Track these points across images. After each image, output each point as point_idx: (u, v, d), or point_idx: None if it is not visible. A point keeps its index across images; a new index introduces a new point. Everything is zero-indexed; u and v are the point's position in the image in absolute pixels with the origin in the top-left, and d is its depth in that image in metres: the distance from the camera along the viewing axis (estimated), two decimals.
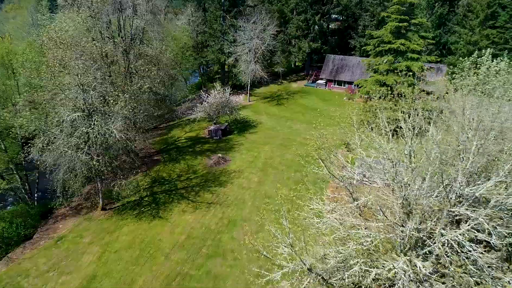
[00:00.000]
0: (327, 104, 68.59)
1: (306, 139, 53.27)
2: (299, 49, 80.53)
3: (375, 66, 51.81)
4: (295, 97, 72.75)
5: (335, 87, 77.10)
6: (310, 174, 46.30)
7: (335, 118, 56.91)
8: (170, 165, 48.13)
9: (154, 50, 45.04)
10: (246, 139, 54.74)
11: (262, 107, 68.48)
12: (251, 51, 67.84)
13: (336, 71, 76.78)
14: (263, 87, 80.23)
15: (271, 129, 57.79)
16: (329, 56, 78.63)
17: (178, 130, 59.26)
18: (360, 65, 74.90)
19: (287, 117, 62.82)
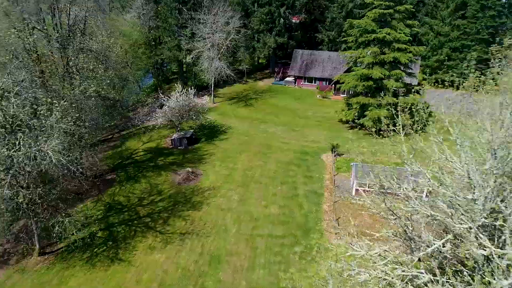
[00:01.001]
0: (300, 103, 62.68)
1: (286, 144, 46.68)
2: (264, 45, 73.86)
3: (360, 59, 46.35)
4: (264, 97, 65.99)
5: (305, 84, 71.41)
6: (299, 186, 39.91)
7: (312, 118, 50.63)
8: (128, 185, 39.18)
9: (100, 44, 35.89)
10: (217, 148, 46.95)
11: (229, 109, 60.93)
12: (214, 47, 60.00)
13: (306, 67, 71.11)
14: (227, 87, 72.60)
15: (244, 134, 50.46)
16: (297, 51, 72.81)
17: (135, 141, 50.04)
18: (331, 59, 69.90)
19: (260, 119, 55.83)
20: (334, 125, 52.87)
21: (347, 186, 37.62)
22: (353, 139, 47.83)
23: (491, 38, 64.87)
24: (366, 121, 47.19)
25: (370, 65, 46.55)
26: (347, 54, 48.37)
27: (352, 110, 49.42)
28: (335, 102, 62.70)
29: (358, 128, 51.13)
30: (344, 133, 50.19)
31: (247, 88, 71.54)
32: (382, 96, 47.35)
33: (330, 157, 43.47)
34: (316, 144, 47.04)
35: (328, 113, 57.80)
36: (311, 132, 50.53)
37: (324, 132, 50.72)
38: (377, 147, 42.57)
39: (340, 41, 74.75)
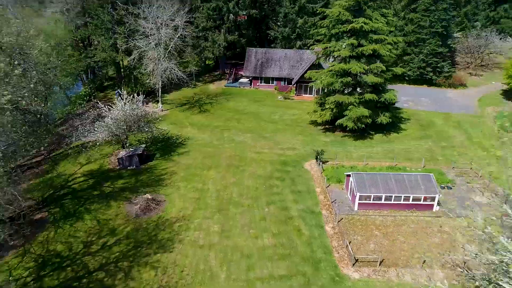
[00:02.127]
0: (261, 105, 56.33)
1: (260, 154, 39.87)
2: (213, 43, 66.45)
3: (336, 52, 41.16)
4: (219, 101, 58.51)
5: (262, 85, 65.28)
6: (289, 204, 32.69)
7: (280, 122, 44.65)
8: (67, 225, 29.40)
9: (14, 37, 25.91)
10: (177, 165, 38.58)
11: (182, 116, 52.49)
12: (160, 45, 51.25)
13: (261, 67, 65.04)
14: (175, 91, 63.85)
15: (207, 146, 42.63)
16: (251, 50, 66.46)
17: (69, 163, 39.57)
18: (288, 57, 64.64)
19: (221, 126, 48.30)
20: (306, 129, 47.24)
21: (345, 199, 31.86)
22: (332, 142, 42.68)
23: (445, 32, 64.57)
24: (346, 121, 42.17)
25: (346, 59, 41.66)
26: (319, 47, 42.96)
27: (326, 110, 44.18)
28: (300, 103, 57.40)
29: (334, 130, 46.11)
30: (320, 137, 44.77)
31: (197, 92, 63.45)
32: (359, 92, 42.75)
33: (314, 166, 37.54)
34: (293, 151, 40.88)
35: (296, 115, 52.18)
36: (284, 138, 44.29)
37: (298, 136, 44.79)
38: (363, 150, 37.88)
39: (295, 38, 70.26)
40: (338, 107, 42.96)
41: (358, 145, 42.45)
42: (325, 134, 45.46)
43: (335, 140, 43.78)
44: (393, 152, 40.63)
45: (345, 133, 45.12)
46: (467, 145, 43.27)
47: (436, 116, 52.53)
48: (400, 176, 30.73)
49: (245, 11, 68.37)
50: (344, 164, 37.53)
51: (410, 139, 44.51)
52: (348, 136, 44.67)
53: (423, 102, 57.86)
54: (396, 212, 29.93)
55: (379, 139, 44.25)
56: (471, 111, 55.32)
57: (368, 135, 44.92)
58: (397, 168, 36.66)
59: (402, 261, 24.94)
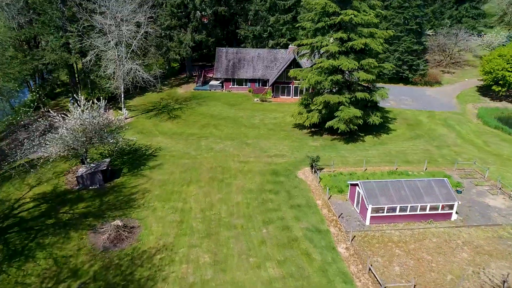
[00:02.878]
0: (238, 109, 51.53)
1: (245, 163, 35.07)
2: (179, 43, 60.80)
3: (323, 48, 37.28)
4: (190, 106, 52.99)
5: (234, 87, 60.51)
6: (291, 223, 26.14)
7: (262, 126, 40.17)
8: (14, 268, 22.84)
9: None
10: (150, 181, 32.81)
11: (149, 124, 46.44)
12: (122, 44, 45.03)
13: (233, 68, 60.29)
14: (138, 96, 57.52)
15: (183, 157, 37.14)
16: (221, 50, 61.50)
17: (14, 186, 32.45)
18: (261, 57, 60.40)
19: (196, 134, 42.89)
20: (291, 133, 43.00)
21: (352, 212, 27.75)
22: (322, 147, 38.76)
23: (419, 29, 63.36)
24: (337, 123, 38.39)
25: (336, 55, 37.94)
26: (305, 42, 38.89)
27: (314, 112, 40.21)
28: (279, 106, 53.21)
29: (322, 133, 42.26)
30: (308, 141, 40.70)
31: (164, 97, 57.50)
32: (349, 91, 39.22)
33: (309, 174, 33.25)
34: (283, 158, 36.41)
35: (277, 118, 47.87)
36: (269, 144, 39.73)
37: (284, 142, 40.41)
38: (358, 154, 33.94)
39: (267, 37, 66.24)
40: (327, 108, 39.15)
41: (350, 148, 38.80)
42: (312, 138, 41.45)
43: (325, 144, 39.87)
44: (390, 154, 37.36)
45: (334, 136, 41.40)
46: (460, 144, 41.05)
47: (421, 114, 50.44)
48: (413, 183, 27.13)
49: (213, 8, 63.33)
50: (342, 171, 33.60)
51: (403, 139, 41.61)
52: (338, 139, 40.97)
53: (404, 101, 55.81)
54: (412, 225, 26.25)
55: (371, 141, 40.91)
56: (452, 108, 53.98)
57: (359, 138, 41.48)
58: (399, 173, 33.26)
59: (436, 286, 21.08)
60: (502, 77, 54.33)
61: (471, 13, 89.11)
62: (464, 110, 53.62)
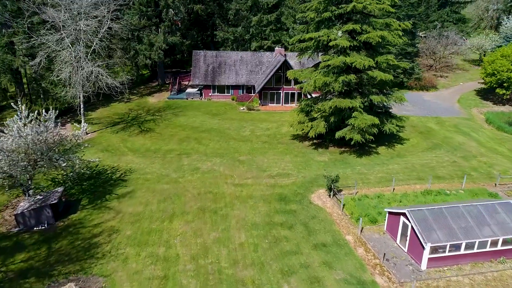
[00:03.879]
0: (222, 119, 44.03)
1: (242, 187, 27.61)
2: (150, 46, 52.81)
3: (332, 42, 30.64)
4: (165, 117, 44.98)
5: (215, 95, 53.04)
6: (319, 271, 18.36)
7: (254, 139, 33.36)
8: None
9: None
10: (119, 215, 24.58)
11: (116, 140, 38.02)
12: (80, 42, 36.64)
13: (213, 73, 52.92)
14: (102, 108, 48.89)
15: (161, 180, 29.11)
16: (198, 53, 54.03)
17: None
18: (244, 61, 53.49)
19: (176, 150, 34.94)
20: (291, 146, 35.99)
21: (397, 251, 20.83)
22: (332, 162, 31.97)
23: (413, 29, 58.88)
24: (349, 133, 31.75)
25: (345, 51, 31.49)
26: (307, 37, 32.16)
27: (318, 120, 33.48)
28: (269, 115, 46.22)
29: (327, 145, 35.56)
30: (313, 155, 33.80)
31: (134, 107, 49.14)
32: (361, 95, 32.84)
33: (326, 199, 26.19)
34: (288, 179, 29.20)
35: (270, 129, 40.77)
36: (268, 161, 32.46)
37: (285, 157, 33.29)
38: (378, 170, 26.93)
39: (250, 39, 59.53)
40: (337, 115, 32.52)
41: (366, 163, 32.23)
42: (317, 151, 34.61)
43: (334, 158, 33.10)
44: (415, 169, 31.09)
45: (343, 149, 34.79)
46: (485, 153, 35.55)
47: (429, 121, 45.05)
48: (474, 208, 20.67)
49: (188, 6, 56.00)
50: (365, 193, 26.82)
51: (421, 150, 35.60)
52: (348, 152, 34.36)
53: (405, 106, 50.21)
54: (481, 266, 19.66)
55: (386, 153, 34.58)
56: (458, 113, 49.16)
57: (371, 149, 35.09)
58: (435, 193, 26.87)
59: None
60: (507, 79, 50.22)
61: (451, 17, 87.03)
62: (470, 115, 48.87)
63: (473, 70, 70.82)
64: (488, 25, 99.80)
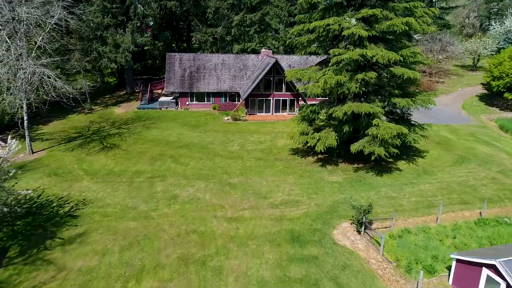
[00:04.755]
0: (204, 132, 36.67)
1: (238, 223, 20.29)
2: (116, 47, 45.02)
3: (345, 32, 24.10)
4: (134, 130, 37.15)
5: (194, 104, 45.67)
6: None
7: (245, 155, 26.03)
8: None
9: None
10: (60, 277, 16.62)
11: (70, 160, 29.84)
12: (18, 34, 28.54)
13: (191, 79, 45.63)
14: (56, 120, 40.57)
15: (125, 216, 21.31)
16: (173, 56, 46.69)
17: None
18: (226, 65, 46.60)
19: (146, 172, 27.17)
20: (292, 162, 29.01)
21: None
22: (348, 182, 25.27)
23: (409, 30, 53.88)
24: (368, 146, 25.13)
25: (362, 42, 25.10)
26: (313, 26, 25.57)
27: (327, 131, 26.77)
28: (259, 125, 39.28)
29: (336, 161, 28.86)
30: (322, 174, 26.93)
31: (96, 119, 41.04)
32: (379, 98, 26.48)
33: (355, 236, 19.23)
34: (297, 209, 22.10)
35: (263, 142, 33.75)
36: (266, 184, 25.28)
37: (287, 178, 26.22)
38: (408, 192, 20.86)
39: (231, 40, 52.84)
40: (351, 124, 25.93)
41: (391, 183, 25.68)
42: (326, 169, 27.81)
43: (349, 178, 26.35)
44: (453, 189, 24.79)
45: (356, 165, 28.21)
46: None
47: (441, 129, 39.47)
48: None
49: (159, 2, 48.78)
50: (405, 225, 20.10)
51: (448, 165, 29.50)
52: (363, 169, 27.78)
53: None
54: None
55: (409, 169, 28.22)
56: (467, 121, 44.05)
57: (389, 165, 28.69)
58: (492, 222, 20.50)
59: None
60: None
61: (437, 23, 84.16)
62: (481, 122, 43.84)
63: (468, 75, 66.97)
64: (471, 31, 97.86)
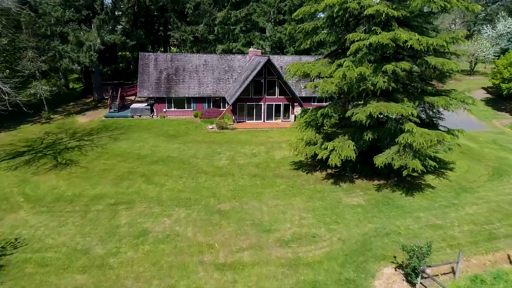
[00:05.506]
0: (184, 143, 30.33)
1: (235, 269, 13.80)
2: (79, 45, 38.35)
3: (368, 10, 18.54)
4: (98, 142, 30.41)
5: (171, 111, 39.36)
6: None
7: (237, 171, 19.59)
8: None
9: None
10: None
11: (8, 182, 22.88)
12: None
13: (168, 82, 39.37)
14: (5, 132, 33.49)
15: (70, 266, 14.70)
16: (147, 56, 40.36)
17: None
18: (209, 66, 40.65)
19: (108, 196, 20.54)
20: (296, 179, 22.99)
21: None
22: (373, 207, 19.46)
23: None
24: (398, 157, 19.43)
25: (387, 23, 19.65)
26: (319, 8, 19.93)
27: (341, 139, 21.01)
28: (251, 134, 33.30)
29: (350, 176, 23.09)
30: (338, 195, 21.00)
31: (53, 130, 34.18)
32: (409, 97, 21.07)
33: None
34: (316, 247, 15.99)
35: (257, 154, 27.69)
36: (268, 210, 19.10)
37: (294, 201, 20.13)
38: (457, 217, 15.85)
39: (214, 40, 46.98)
40: (375, 130, 20.28)
41: (427, 205, 19.99)
42: (340, 187, 21.94)
43: (373, 199, 20.52)
44: (507, 212, 19.34)
45: (376, 181, 22.52)
46: None
47: None
48: None
49: None
50: (472, 270, 14.34)
51: (485, 179, 24.22)
52: (386, 186, 22.08)
53: None
54: None
55: (441, 186, 22.70)
56: (481, 127, 39.69)
57: (415, 180, 23.14)
58: None
59: None
60: None
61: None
62: (496, 128, 39.45)
63: (466, 79, 63.37)
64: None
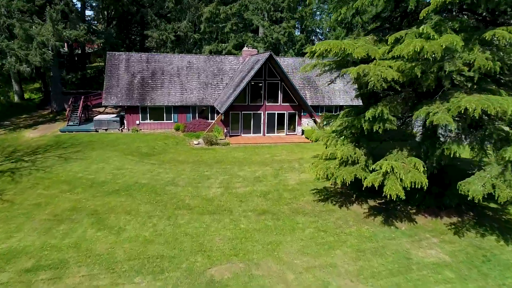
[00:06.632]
0: (158, 165, 22.18)
1: None
2: (27, 40, 30.27)
3: None
4: (42, 164, 22.05)
5: (146, 123, 31.37)
6: None
7: (235, 208, 10.26)
8: None
9: None
10: None
11: None
12: None
13: (143, 88, 31.55)
14: None
15: None
16: (117, 56, 32.59)
17: None
18: (194, 68, 33.20)
19: (29, 253, 12.23)
20: (327, 218, 15.21)
21: None
22: (467, 268, 11.36)
23: None
24: (502, 184, 11.97)
25: None
26: None
27: (400, 156, 13.50)
28: (250, 151, 25.53)
29: (403, 209, 15.45)
30: (399, 244, 13.14)
31: None
32: (507, 86, 13.67)
33: None
34: None
35: (262, 179, 19.80)
36: (295, 278, 11.20)
37: (334, 257, 12.29)
38: None
39: (200, 39, 39.65)
40: (431, 142, 12.89)
41: None
42: (396, 229, 14.28)
43: (459, 251, 12.88)
44: None
45: (443, 218, 14.99)
46: None
47: None
48: None
49: None
50: None
51: None
52: (467, 227, 14.55)
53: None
54: None
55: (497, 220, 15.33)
56: None
57: (496, 214, 15.73)
58: None
59: None
60: None
61: None
62: None
63: None
64: None
